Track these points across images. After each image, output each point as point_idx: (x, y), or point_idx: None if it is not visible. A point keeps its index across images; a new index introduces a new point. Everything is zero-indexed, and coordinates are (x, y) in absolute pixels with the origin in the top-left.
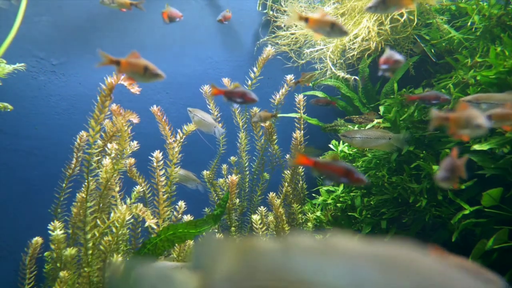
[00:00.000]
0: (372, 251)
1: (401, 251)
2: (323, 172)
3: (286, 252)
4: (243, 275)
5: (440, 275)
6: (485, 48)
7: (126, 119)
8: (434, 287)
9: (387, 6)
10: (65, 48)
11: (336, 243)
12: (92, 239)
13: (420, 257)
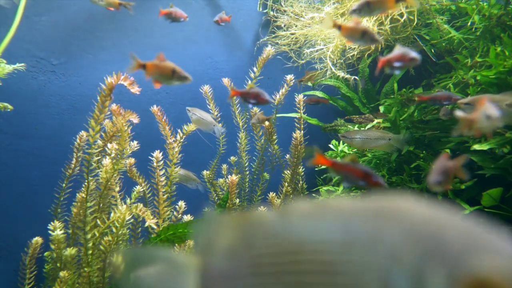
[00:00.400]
0: (363, 206)
1: (393, 201)
2: (340, 174)
3: (282, 218)
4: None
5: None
6: (485, 48)
7: (126, 119)
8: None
9: (372, 10)
10: (65, 48)
11: (329, 203)
12: (92, 239)
13: (414, 206)
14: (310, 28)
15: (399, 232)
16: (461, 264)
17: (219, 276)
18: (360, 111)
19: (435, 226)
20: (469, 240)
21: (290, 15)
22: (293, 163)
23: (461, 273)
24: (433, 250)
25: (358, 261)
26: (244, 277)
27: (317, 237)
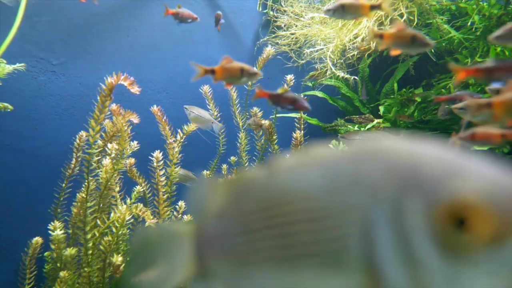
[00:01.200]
0: (344, 150)
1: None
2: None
3: (269, 174)
4: (231, 207)
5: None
6: (485, 48)
7: (126, 119)
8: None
9: (346, 13)
10: (65, 48)
11: (314, 152)
12: (92, 239)
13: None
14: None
15: (377, 169)
16: (437, 190)
17: (211, 238)
18: (360, 111)
19: (412, 158)
20: (447, 167)
21: (290, 15)
22: None
23: (437, 199)
24: (410, 181)
25: (339, 203)
26: (235, 235)
27: (301, 186)
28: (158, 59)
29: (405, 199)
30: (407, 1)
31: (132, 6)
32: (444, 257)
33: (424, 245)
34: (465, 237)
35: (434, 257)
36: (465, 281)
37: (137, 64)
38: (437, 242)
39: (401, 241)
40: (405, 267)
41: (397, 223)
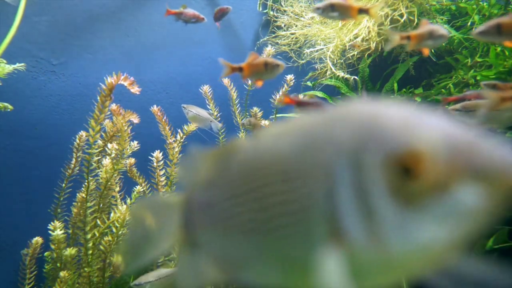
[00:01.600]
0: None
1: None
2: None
3: (252, 142)
4: (217, 176)
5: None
6: (485, 48)
7: (126, 119)
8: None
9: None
10: (65, 48)
11: (295, 119)
12: (92, 239)
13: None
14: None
15: (342, 128)
16: (390, 142)
17: (198, 207)
18: None
19: (373, 116)
20: (402, 122)
21: (290, 15)
22: None
23: (389, 150)
24: (368, 136)
25: (309, 162)
26: (219, 203)
27: (276, 150)
28: (158, 59)
29: (364, 153)
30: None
31: (132, 6)
32: (397, 206)
33: (379, 195)
34: (413, 185)
35: (388, 207)
36: (414, 229)
37: (137, 64)
38: (390, 191)
39: (360, 193)
40: (363, 219)
41: (356, 177)
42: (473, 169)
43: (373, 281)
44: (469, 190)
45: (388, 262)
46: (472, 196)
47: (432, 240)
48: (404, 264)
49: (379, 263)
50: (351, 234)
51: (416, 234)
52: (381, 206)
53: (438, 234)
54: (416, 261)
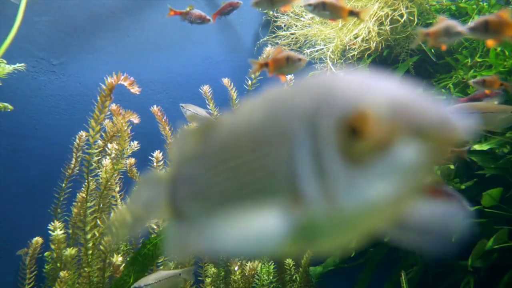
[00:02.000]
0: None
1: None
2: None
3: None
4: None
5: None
6: (485, 48)
7: (126, 119)
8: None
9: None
10: (65, 48)
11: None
12: (92, 239)
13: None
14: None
15: (305, 96)
16: (342, 105)
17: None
18: None
19: (332, 83)
20: (354, 87)
21: (290, 15)
22: None
23: (341, 113)
24: (324, 102)
25: (274, 131)
26: (199, 176)
27: (248, 121)
28: (158, 59)
29: (319, 118)
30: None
31: (132, 6)
32: (346, 166)
33: (331, 156)
34: (360, 145)
35: (338, 167)
36: (362, 186)
37: (137, 64)
38: (340, 152)
39: (315, 156)
40: (318, 180)
41: (313, 141)
42: (412, 127)
43: (331, 241)
44: (409, 147)
45: (342, 220)
46: (413, 153)
47: (378, 196)
48: (356, 222)
49: (334, 222)
50: (307, 196)
51: (364, 191)
52: (332, 166)
53: (383, 190)
54: (367, 218)
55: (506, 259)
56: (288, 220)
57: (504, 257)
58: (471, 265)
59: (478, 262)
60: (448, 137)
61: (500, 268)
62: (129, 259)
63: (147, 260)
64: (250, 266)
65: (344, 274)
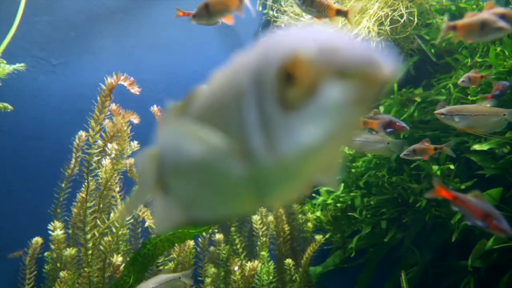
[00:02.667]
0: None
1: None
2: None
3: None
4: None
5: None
6: (485, 48)
7: (126, 119)
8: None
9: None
10: (65, 48)
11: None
12: (92, 239)
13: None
14: None
15: (253, 54)
16: (280, 54)
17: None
18: None
19: (276, 39)
20: (292, 37)
21: (290, 15)
22: None
23: (278, 61)
24: (266, 54)
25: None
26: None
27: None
28: (158, 59)
29: (262, 70)
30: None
31: (132, 6)
32: (284, 113)
33: (272, 105)
34: (294, 90)
35: (278, 115)
36: (298, 132)
37: (137, 64)
38: (278, 100)
39: (260, 107)
40: (262, 131)
41: (258, 93)
42: (337, 67)
43: (281, 191)
44: (336, 87)
45: (285, 168)
46: (340, 93)
47: (313, 139)
48: (298, 167)
49: (279, 171)
50: (254, 147)
51: (300, 136)
52: (273, 115)
53: (317, 133)
54: (307, 163)
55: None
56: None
57: (504, 257)
58: (471, 265)
59: (478, 262)
60: (371, 74)
61: (500, 268)
62: (129, 259)
63: (147, 260)
64: (250, 266)
65: (344, 274)
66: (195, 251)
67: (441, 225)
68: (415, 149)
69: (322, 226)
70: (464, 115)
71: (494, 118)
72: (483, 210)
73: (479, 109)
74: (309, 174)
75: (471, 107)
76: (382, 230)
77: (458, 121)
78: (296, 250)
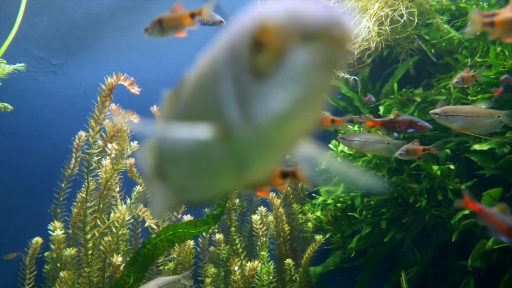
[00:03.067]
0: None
1: None
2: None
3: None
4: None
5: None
6: (485, 48)
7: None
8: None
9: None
10: (65, 48)
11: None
12: (92, 239)
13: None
14: None
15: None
16: (251, 25)
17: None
18: (360, 111)
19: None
20: (263, 8)
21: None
22: (293, 163)
23: (249, 31)
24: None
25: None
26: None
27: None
28: (158, 59)
29: (237, 43)
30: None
31: (132, 6)
32: (256, 82)
33: (245, 75)
34: (263, 57)
35: (251, 84)
36: (270, 99)
37: (137, 64)
38: (250, 69)
39: (234, 79)
40: (237, 102)
41: (234, 66)
42: (302, 30)
43: (259, 164)
44: (303, 51)
45: (261, 138)
46: (306, 55)
47: (285, 105)
48: (274, 136)
49: (255, 143)
50: (230, 120)
51: (272, 103)
52: (246, 85)
53: (289, 98)
54: (282, 130)
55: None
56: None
57: (504, 257)
58: (471, 265)
59: (478, 262)
60: (335, 34)
61: (500, 268)
62: (129, 259)
63: (147, 260)
64: (250, 266)
65: (344, 274)
66: (195, 251)
67: (441, 225)
68: (408, 149)
69: (322, 226)
70: (459, 115)
71: (488, 119)
72: (508, 225)
73: (474, 110)
74: (284, 144)
75: (466, 108)
76: (382, 230)
77: (452, 121)
78: (296, 250)
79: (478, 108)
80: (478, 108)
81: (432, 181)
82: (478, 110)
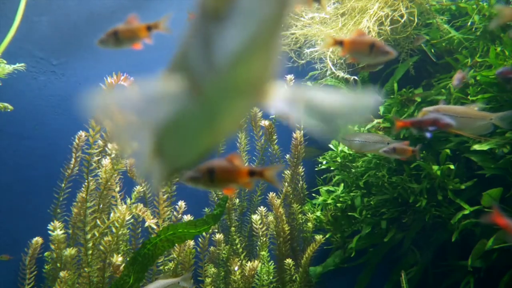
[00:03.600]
0: None
1: None
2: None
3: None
4: None
5: None
6: (485, 48)
7: None
8: None
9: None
10: (65, 48)
11: None
12: (92, 239)
13: None
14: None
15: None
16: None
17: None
18: None
19: None
20: None
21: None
22: (293, 163)
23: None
24: None
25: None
26: None
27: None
28: (158, 59)
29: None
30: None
31: (132, 6)
32: (215, 25)
33: (205, 21)
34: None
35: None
36: (227, 39)
37: (137, 64)
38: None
39: (199, 30)
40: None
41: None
42: None
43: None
44: None
45: (223, 82)
46: None
47: (241, 43)
48: (236, 80)
49: (221, 89)
50: (197, 70)
51: (230, 43)
52: (207, 30)
53: (244, 36)
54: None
55: (506, 259)
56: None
57: (504, 257)
58: (471, 265)
59: (478, 262)
60: None
61: (500, 268)
62: (129, 259)
63: (147, 260)
64: (250, 266)
65: (344, 274)
66: (195, 251)
67: (441, 225)
68: (395, 147)
69: (322, 226)
70: (450, 116)
71: (480, 121)
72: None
73: (467, 111)
74: (247, 87)
75: (459, 109)
76: (382, 230)
77: None
78: (296, 250)
79: (471, 110)
80: (471, 110)
81: (432, 181)
82: (471, 111)
